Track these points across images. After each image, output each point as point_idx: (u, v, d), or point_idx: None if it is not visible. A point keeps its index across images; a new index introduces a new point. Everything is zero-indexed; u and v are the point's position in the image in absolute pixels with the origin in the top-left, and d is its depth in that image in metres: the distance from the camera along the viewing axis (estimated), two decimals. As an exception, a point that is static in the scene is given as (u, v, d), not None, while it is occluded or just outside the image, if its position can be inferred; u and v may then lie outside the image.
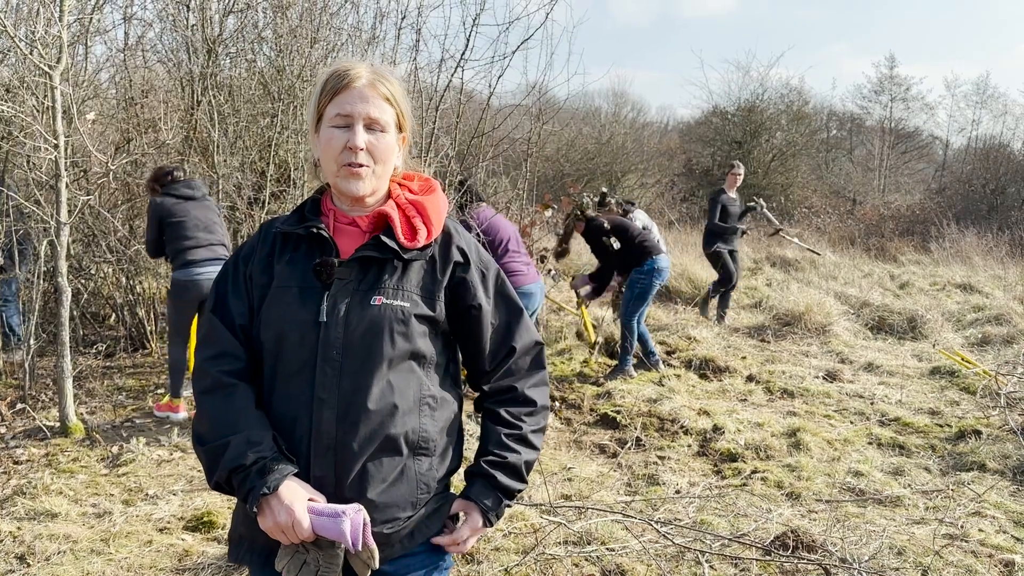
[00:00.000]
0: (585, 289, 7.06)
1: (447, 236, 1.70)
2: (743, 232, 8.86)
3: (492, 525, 1.70)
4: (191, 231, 5.18)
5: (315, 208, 1.71)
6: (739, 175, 9.17)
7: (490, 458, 1.69)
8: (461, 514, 1.71)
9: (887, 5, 61.64)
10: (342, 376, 1.55)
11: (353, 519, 1.51)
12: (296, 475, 1.54)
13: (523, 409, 1.72)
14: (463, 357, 1.77)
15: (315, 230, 1.62)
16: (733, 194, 9.11)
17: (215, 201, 5.82)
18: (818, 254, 9.73)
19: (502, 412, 1.72)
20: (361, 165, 1.60)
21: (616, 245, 6.47)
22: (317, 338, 1.56)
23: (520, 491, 1.73)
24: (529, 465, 1.73)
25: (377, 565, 1.56)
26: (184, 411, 5.32)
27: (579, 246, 11.98)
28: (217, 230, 5.35)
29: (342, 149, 1.59)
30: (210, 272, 5.19)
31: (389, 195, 1.70)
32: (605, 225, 6.53)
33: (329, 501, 1.55)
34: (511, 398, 1.73)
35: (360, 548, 1.53)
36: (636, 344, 6.72)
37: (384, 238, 1.61)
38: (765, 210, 9.66)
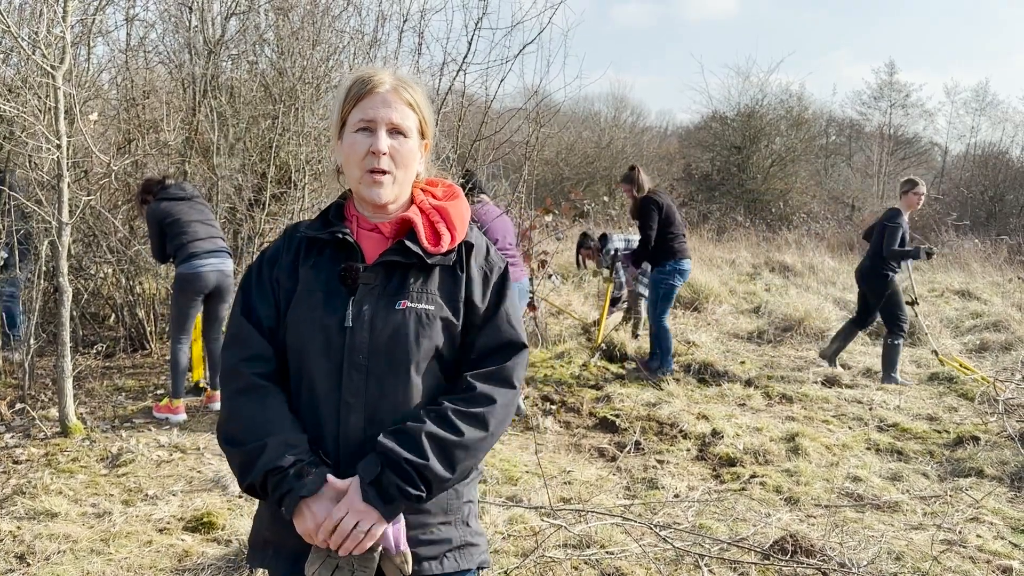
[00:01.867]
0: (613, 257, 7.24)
1: (466, 240, 1.69)
2: (915, 257, 6.96)
3: (373, 500, 1.49)
4: (189, 226, 5.24)
5: (339, 213, 1.71)
6: (922, 195, 7.09)
7: (391, 428, 1.55)
8: None
9: (888, 11, 61.81)
10: (369, 380, 1.56)
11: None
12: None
13: (458, 395, 1.59)
14: None
15: (340, 235, 1.63)
16: (906, 217, 7.15)
17: (209, 203, 5.84)
18: (942, 362, 7.35)
19: (439, 398, 1.60)
20: (384, 171, 1.60)
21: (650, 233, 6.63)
22: (343, 343, 1.57)
23: (416, 465, 1.49)
24: (439, 442, 1.52)
25: (410, 571, 1.55)
26: (184, 413, 5.31)
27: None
28: (214, 224, 5.43)
29: (365, 154, 1.60)
30: (213, 263, 5.24)
31: (412, 201, 1.70)
32: (660, 204, 6.68)
33: None
34: (456, 387, 1.62)
35: (397, 551, 1.53)
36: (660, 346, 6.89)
37: (408, 243, 1.61)
38: (911, 268, 7.66)
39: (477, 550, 1.68)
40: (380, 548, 1.53)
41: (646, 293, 7.61)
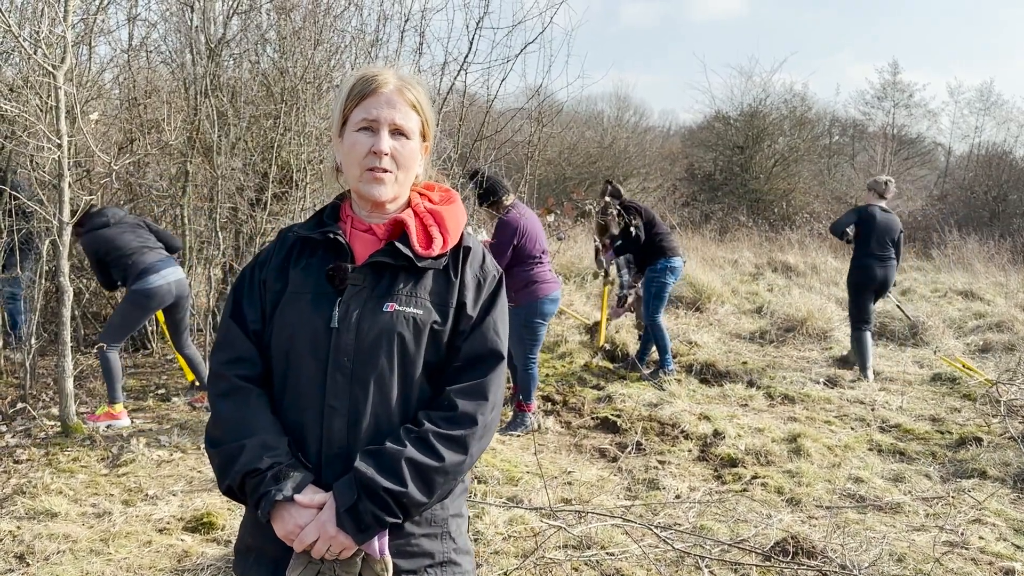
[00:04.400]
0: (607, 253, 7.16)
1: (458, 243, 1.68)
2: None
3: (347, 527, 1.46)
4: (126, 247, 5.16)
5: (334, 214, 1.70)
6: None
7: (369, 447, 1.53)
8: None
9: (891, 12, 61.68)
10: (353, 383, 1.54)
11: None
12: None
13: (440, 413, 1.55)
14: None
15: (332, 235, 1.61)
16: None
17: (141, 218, 5.71)
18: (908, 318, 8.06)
19: (419, 414, 1.57)
20: (385, 171, 1.59)
21: (635, 232, 6.65)
22: (329, 345, 1.55)
23: (393, 493, 1.47)
24: (419, 468, 1.49)
25: None
26: (127, 418, 5.19)
27: (580, 248, 11.99)
28: (149, 238, 5.33)
29: (366, 154, 1.58)
30: (166, 274, 5.17)
31: (408, 203, 1.69)
32: (638, 208, 6.77)
33: None
34: (437, 403, 1.58)
35: (379, 558, 1.51)
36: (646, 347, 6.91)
37: (399, 245, 1.59)
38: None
39: (459, 570, 1.63)
40: (362, 553, 1.52)
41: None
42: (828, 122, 26.98)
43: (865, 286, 7.07)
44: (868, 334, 7.08)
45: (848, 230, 7.06)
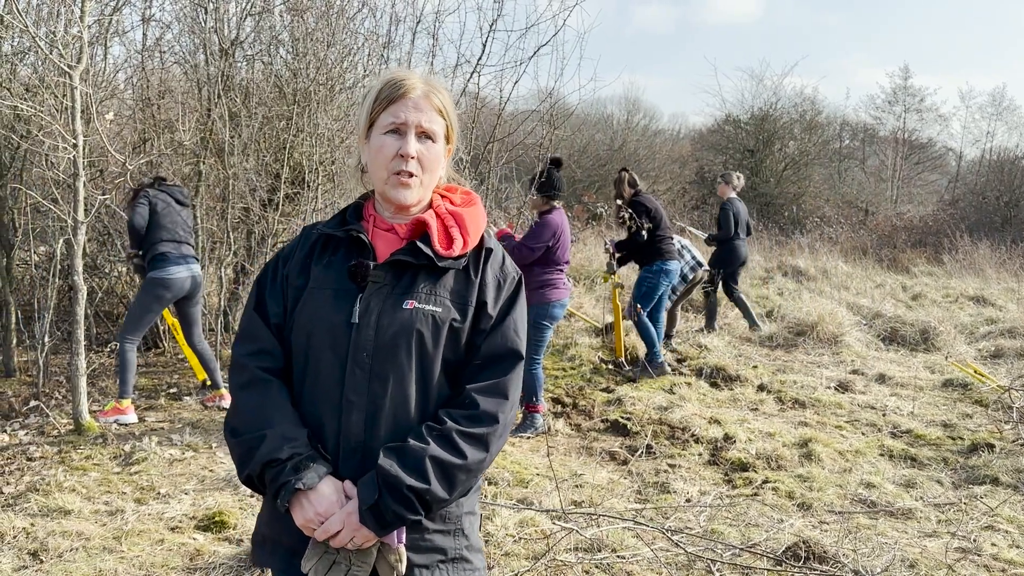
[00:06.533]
0: (610, 248, 7.14)
1: (479, 244, 1.70)
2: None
3: (370, 524, 1.49)
4: (174, 229, 5.27)
5: (357, 213, 1.73)
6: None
7: (391, 444, 1.55)
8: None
9: (904, 15, 61.43)
10: (371, 379, 1.56)
11: None
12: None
13: (462, 411, 1.57)
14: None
15: (355, 234, 1.64)
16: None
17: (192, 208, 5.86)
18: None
19: (440, 412, 1.59)
20: (411, 174, 1.62)
21: (643, 234, 6.66)
22: (348, 340, 1.57)
23: (417, 491, 1.49)
24: (442, 466, 1.51)
25: (403, 570, 1.56)
26: (134, 414, 5.22)
27: (590, 251, 11.98)
28: (191, 231, 5.51)
29: (394, 156, 1.61)
30: (185, 268, 5.29)
31: (430, 204, 1.72)
32: (648, 207, 6.77)
33: None
34: (458, 402, 1.60)
35: (394, 548, 1.54)
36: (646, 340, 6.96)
37: (420, 244, 1.62)
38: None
39: (470, 567, 1.64)
40: (378, 543, 1.54)
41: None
42: (839, 126, 26.95)
43: (736, 262, 8.78)
44: (742, 295, 9.01)
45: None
